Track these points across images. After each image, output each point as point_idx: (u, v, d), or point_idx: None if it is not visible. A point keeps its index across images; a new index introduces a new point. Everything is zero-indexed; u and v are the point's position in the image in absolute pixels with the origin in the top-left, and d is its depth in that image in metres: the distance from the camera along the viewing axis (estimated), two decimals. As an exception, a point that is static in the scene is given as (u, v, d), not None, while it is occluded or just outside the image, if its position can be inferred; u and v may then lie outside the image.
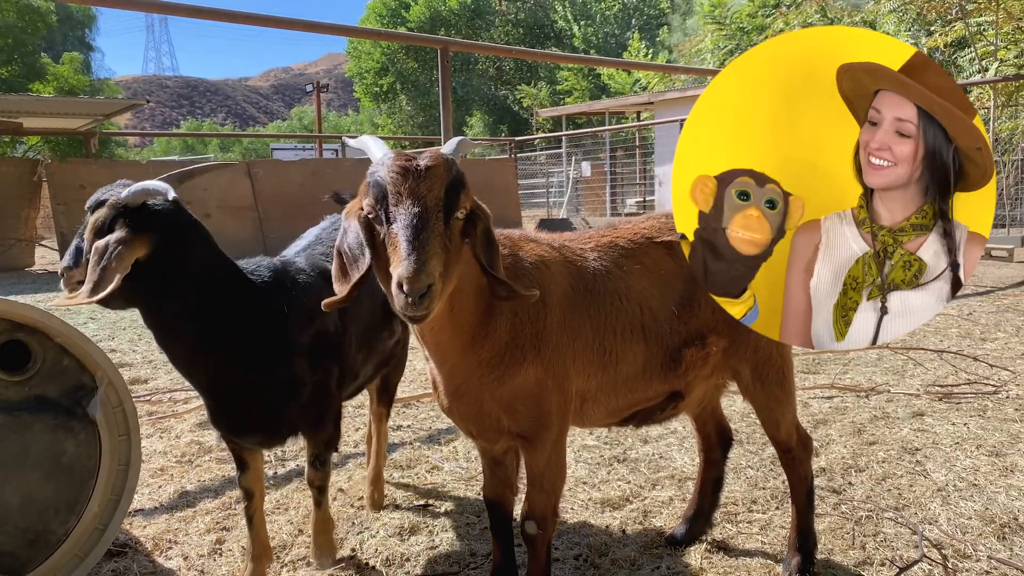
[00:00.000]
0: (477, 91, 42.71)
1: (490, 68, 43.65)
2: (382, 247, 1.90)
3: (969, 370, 5.43)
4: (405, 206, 1.84)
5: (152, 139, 72.63)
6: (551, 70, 39.93)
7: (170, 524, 3.33)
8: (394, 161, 1.91)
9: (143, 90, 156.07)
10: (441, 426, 4.55)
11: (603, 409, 2.49)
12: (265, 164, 17.13)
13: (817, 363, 5.77)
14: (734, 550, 2.96)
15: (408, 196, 1.86)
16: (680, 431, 4.28)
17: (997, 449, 3.88)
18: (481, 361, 2.20)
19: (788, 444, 2.77)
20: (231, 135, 62.25)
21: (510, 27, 43.90)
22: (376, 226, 1.91)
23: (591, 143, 26.16)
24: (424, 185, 1.87)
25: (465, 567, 2.88)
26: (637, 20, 41.39)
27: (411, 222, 1.82)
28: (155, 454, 4.20)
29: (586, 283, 2.40)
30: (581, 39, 40.44)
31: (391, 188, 1.87)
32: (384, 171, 1.90)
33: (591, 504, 3.40)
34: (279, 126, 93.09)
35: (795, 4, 25.48)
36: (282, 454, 4.17)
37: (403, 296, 1.77)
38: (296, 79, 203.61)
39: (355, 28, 9.00)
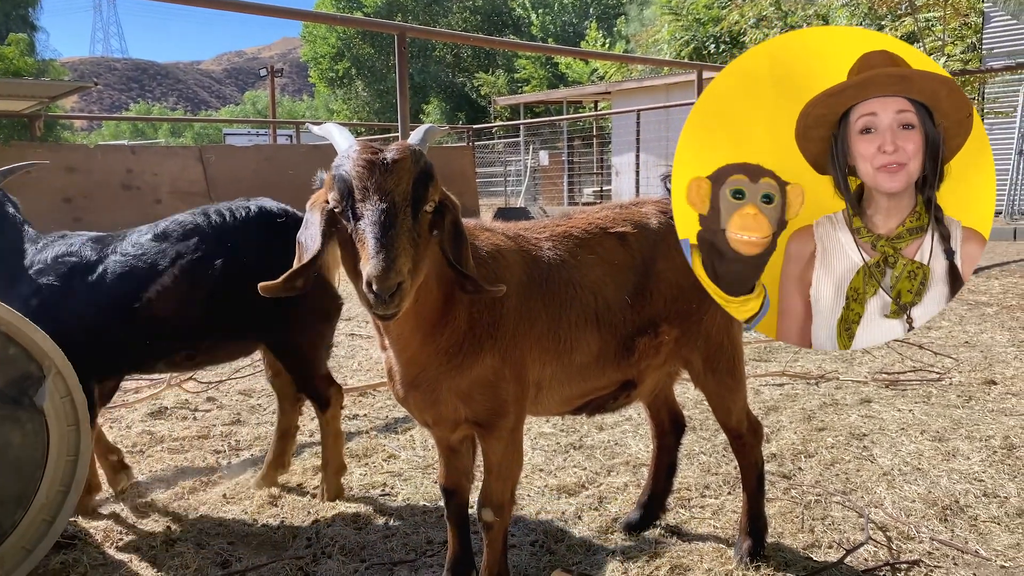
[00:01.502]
0: (434, 78, 42.44)
1: (448, 55, 43.38)
2: (349, 243, 1.88)
3: (915, 358, 5.58)
4: (372, 202, 1.82)
5: (100, 123, 70.89)
6: (509, 58, 39.83)
7: (121, 516, 3.27)
8: (360, 154, 1.88)
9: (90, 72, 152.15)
10: (398, 415, 4.55)
11: (557, 397, 2.50)
12: (218, 149, 16.83)
13: (769, 351, 5.88)
14: (687, 534, 3.01)
15: (375, 191, 1.83)
16: (635, 418, 4.34)
17: (940, 434, 4.00)
18: (440, 350, 2.20)
19: (739, 431, 2.82)
20: (183, 119, 60.91)
21: (468, 14, 43.66)
22: (343, 221, 1.88)
23: (549, 132, 26.18)
24: (391, 180, 1.85)
25: (422, 555, 2.89)
26: (595, 9, 41.45)
27: (379, 219, 1.80)
28: (105, 444, 4.12)
29: (541, 272, 2.41)
30: (539, 27, 40.40)
31: (357, 183, 1.85)
32: (350, 165, 1.87)
33: (547, 491, 3.43)
34: (232, 111, 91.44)
35: (750, -4, 25.75)
36: (235, 444, 4.13)
37: (373, 295, 1.76)
38: (250, 63, 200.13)
39: (310, 12, 8.88)
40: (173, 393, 5.03)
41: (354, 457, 3.90)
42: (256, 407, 4.78)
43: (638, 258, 2.56)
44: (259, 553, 2.94)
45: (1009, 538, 2.91)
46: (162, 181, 14.76)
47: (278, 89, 44.05)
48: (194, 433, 4.30)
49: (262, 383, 5.25)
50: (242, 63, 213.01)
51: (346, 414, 4.60)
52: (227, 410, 4.72)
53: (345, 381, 5.31)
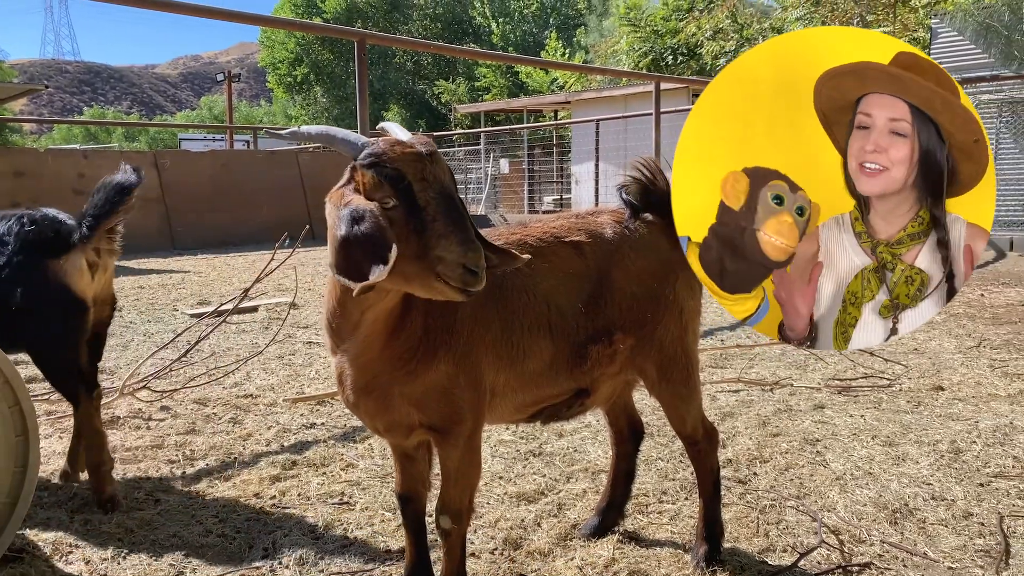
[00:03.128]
0: (395, 85, 42.33)
1: (408, 62, 43.31)
2: (407, 234, 1.91)
3: (866, 365, 5.70)
4: (434, 190, 1.92)
5: (52, 126, 69.26)
6: (469, 66, 39.90)
7: (71, 527, 3.20)
8: (404, 149, 1.96)
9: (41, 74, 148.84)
10: (356, 423, 4.51)
11: (511, 404, 2.51)
12: (173, 155, 16.59)
13: (725, 358, 5.96)
14: (645, 540, 3.04)
15: (434, 181, 1.94)
16: (594, 425, 4.36)
17: (890, 439, 4.10)
18: (395, 355, 2.20)
19: (694, 438, 2.85)
20: (137, 124, 59.86)
21: (428, 21, 43.65)
22: (395, 215, 1.92)
23: (509, 140, 26.26)
24: (439, 168, 1.97)
25: (380, 564, 2.87)
26: (555, 20, 41.76)
27: (448, 204, 1.92)
28: (55, 455, 4.03)
29: (495, 279, 2.41)
30: (500, 36, 40.54)
31: (414, 175, 1.92)
32: (398, 160, 1.93)
33: (507, 498, 3.43)
34: (188, 115, 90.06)
35: (707, 9, 26.18)
36: (190, 454, 4.07)
37: (469, 273, 1.87)
38: (206, 67, 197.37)
39: (269, 17, 8.79)
40: (126, 402, 4.93)
41: (311, 466, 3.87)
42: (211, 416, 4.71)
43: (593, 267, 2.58)
44: (214, 564, 2.89)
45: (956, 540, 2.99)
46: (115, 186, 14.45)
47: (235, 94, 43.52)
48: (148, 443, 4.22)
49: (217, 392, 5.18)
50: (198, 67, 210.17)
51: (303, 423, 4.56)
52: (181, 419, 4.64)
53: (302, 389, 5.27)
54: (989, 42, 16.48)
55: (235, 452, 4.09)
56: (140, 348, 6.58)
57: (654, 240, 2.71)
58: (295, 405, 4.91)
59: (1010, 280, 9.77)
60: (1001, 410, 4.55)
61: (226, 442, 4.23)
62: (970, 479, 3.56)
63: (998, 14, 16.31)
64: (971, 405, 4.68)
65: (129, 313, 8.18)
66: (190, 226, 15.06)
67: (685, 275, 2.70)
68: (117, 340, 6.77)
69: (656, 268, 2.68)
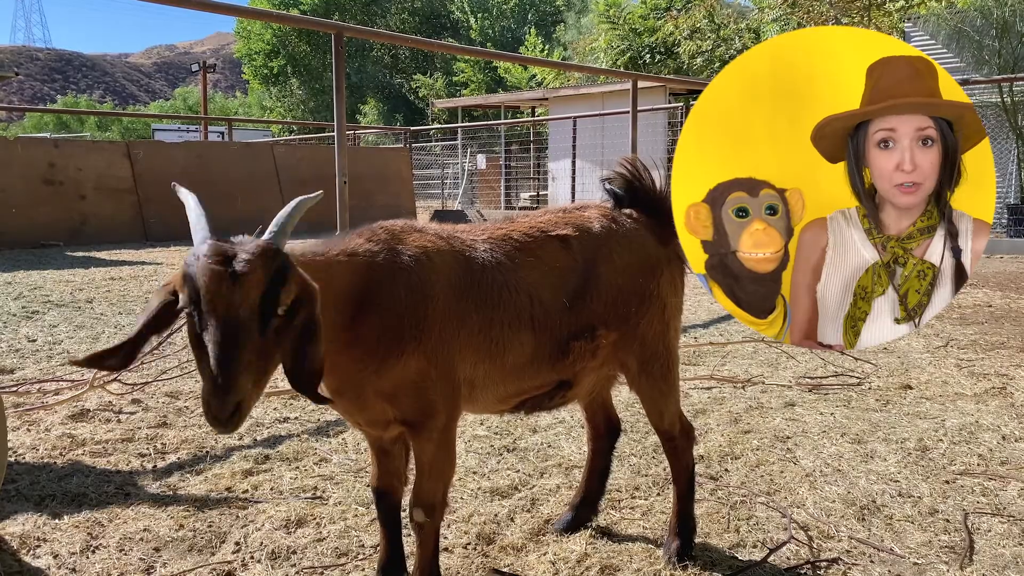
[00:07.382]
0: (372, 78, 42.13)
1: (386, 56, 43.11)
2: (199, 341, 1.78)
3: (836, 363, 5.77)
4: (216, 316, 1.73)
5: (23, 114, 68.13)
6: (447, 61, 39.82)
7: (39, 521, 3.16)
8: (207, 261, 1.76)
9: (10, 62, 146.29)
10: (330, 418, 4.50)
11: (492, 395, 2.52)
12: (146, 145, 16.38)
13: (698, 355, 6.01)
14: (617, 535, 3.06)
15: (219, 306, 1.74)
16: (568, 420, 4.38)
17: (859, 437, 4.15)
18: (355, 358, 2.21)
19: (671, 433, 2.88)
20: (110, 113, 58.98)
21: (406, 15, 43.48)
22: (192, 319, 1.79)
23: (487, 136, 26.23)
24: (238, 293, 1.74)
25: (353, 558, 2.87)
26: (533, 16, 41.73)
27: (219, 339, 1.72)
28: (23, 448, 3.98)
29: (474, 274, 2.42)
30: (478, 31, 40.46)
31: (203, 292, 1.75)
32: (197, 270, 1.77)
33: (480, 493, 3.44)
34: (162, 106, 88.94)
35: (685, 8, 26.30)
36: (161, 447, 4.03)
37: (210, 417, 1.73)
38: (181, 58, 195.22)
39: (246, 8, 8.71)
40: (96, 395, 4.87)
41: (285, 460, 3.85)
42: (183, 409, 4.67)
43: (579, 261, 2.59)
44: (185, 558, 2.87)
45: (922, 536, 3.04)
46: (87, 177, 14.29)
47: (210, 85, 43.09)
48: (118, 436, 4.17)
49: (189, 385, 5.14)
50: (173, 57, 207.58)
51: (276, 417, 4.53)
52: (153, 412, 4.60)
53: (275, 383, 5.23)
54: (961, 47, 16.73)
55: (207, 446, 4.05)
56: (111, 340, 6.50)
57: (640, 236, 2.73)
58: (268, 399, 4.88)
59: (977, 282, 9.92)
60: (967, 409, 4.63)
61: (198, 436, 4.19)
62: (936, 476, 3.62)
63: (970, 19, 16.56)
64: (938, 404, 4.75)
65: (100, 305, 8.07)
66: (163, 217, 14.89)
67: (669, 272, 2.73)
68: (88, 332, 6.69)
69: (642, 263, 2.70)
